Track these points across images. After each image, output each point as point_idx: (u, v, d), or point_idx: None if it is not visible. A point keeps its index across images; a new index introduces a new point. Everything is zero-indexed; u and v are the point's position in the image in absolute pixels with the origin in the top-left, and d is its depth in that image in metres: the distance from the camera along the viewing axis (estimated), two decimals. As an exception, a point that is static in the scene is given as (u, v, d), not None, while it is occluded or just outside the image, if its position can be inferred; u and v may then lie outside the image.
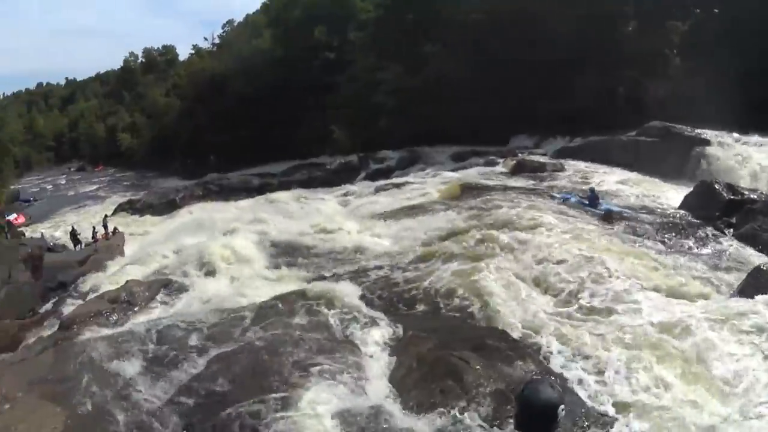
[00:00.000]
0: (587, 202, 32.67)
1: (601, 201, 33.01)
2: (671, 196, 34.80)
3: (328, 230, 33.26)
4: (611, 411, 13.26)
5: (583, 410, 13.07)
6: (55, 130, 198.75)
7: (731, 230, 26.74)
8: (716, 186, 30.62)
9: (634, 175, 41.16)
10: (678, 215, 29.49)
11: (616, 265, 21.21)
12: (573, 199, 34.04)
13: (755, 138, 44.03)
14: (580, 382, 14.43)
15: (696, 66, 56.85)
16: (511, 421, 12.19)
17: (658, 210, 31.14)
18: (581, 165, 45.66)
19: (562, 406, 5.17)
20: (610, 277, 20.26)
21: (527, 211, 29.35)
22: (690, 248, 24.96)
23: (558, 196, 35.35)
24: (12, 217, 58.13)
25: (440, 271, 22.66)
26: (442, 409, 13.22)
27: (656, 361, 14.82)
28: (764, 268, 19.62)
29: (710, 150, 42.73)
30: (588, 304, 18.57)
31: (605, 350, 15.46)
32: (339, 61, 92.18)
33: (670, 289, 19.43)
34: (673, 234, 26.36)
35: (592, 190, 34.02)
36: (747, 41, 54.11)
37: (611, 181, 39.88)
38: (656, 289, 19.40)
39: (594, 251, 22.72)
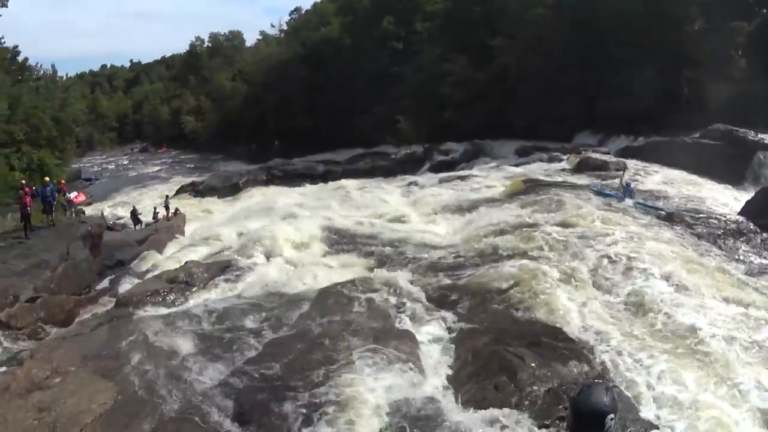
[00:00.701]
0: (622, 197, 32.82)
1: (635, 196, 33.13)
2: (732, 201, 34.35)
3: (390, 220, 33.34)
4: (664, 421, 13.04)
5: (633, 417, 12.94)
6: (118, 111, 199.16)
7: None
8: (778, 193, 30.05)
9: (695, 178, 40.65)
10: (738, 221, 29.02)
11: (679, 269, 20.86)
12: (610, 192, 34.41)
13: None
14: (635, 388, 14.16)
15: (762, 68, 55.78)
16: (564, 422, 12.23)
17: (719, 214, 30.64)
18: (644, 165, 45.14)
19: (612, 415, 4.94)
20: (672, 281, 19.93)
21: (590, 209, 29.14)
22: (749, 256, 24.62)
23: (595, 189, 35.76)
24: (73, 195, 58.69)
25: (500, 266, 22.50)
26: (494, 406, 13.11)
27: (714, 373, 14.59)
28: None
29: (773, 156, 42.06)
30: (648, 309, 18.18)
31: (664, 359, 15.13)
32: (406, 52, 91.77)
33: (735, 299, 18.91)
34: (734, 240, 26.04)
35: (627, 184, 34.13)
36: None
37: (669, 181, 39.56)
38: (721, 298, 18.90)
39: (656, 254, 22.44)
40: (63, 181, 46.51)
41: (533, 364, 14.35)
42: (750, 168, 42.21)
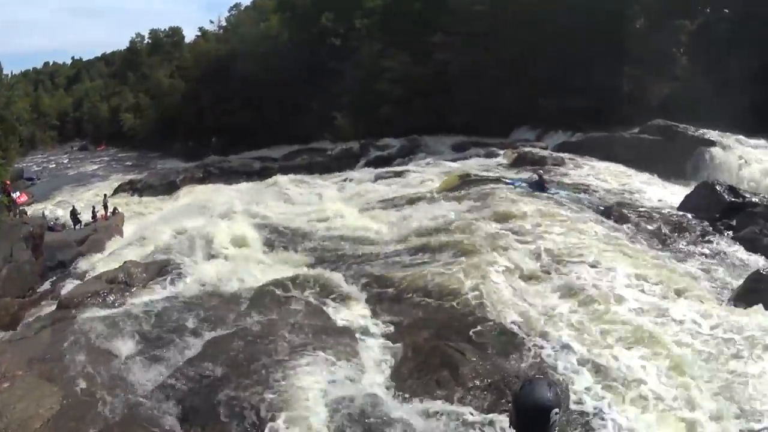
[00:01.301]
0: (533, 188, 33.45)
1: (548, 187, 33.75)
2: (671, 195, 34.68)
3: (326, 216, 33.20)
4: (604, 407, 13.20)
5: (574, 407, 13.01)
6: (59, 109, 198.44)
7: (731, 233, 26.47)
8: (717, 187, 30.31)
9: (633, 172, 41.01)
10: (677, 215, 29.10)
11: (615, 261, 21.16)
12: (520, 184, 34.75)
13: (760, 141, 43.84)
14: (573, 378, 14.29)
15: (703, 66, 56.70)
16: (506, 415, 12.25)
17: (658, 208, 30.81)
18: (581, 160, 45.45)
19: (557, 410, 4.96)
20: (609, 272, 20.18)
21: (526, 204, 29.22)
22: (688, 249, 24.80)
23: (508, 181, 36.25)
24: (16, 195, 57.95)
25: (437, 261, 22.69)
26: (436, 400, 13.31)
27: (650, 358, 14.80)
28: (764, 272, 19.51)
29: (713, 151, 42.47)
30: (585, 299, 18.34)
31: (600, 347, 15.40)
32: (345, 48, 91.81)
33: (670, 288, 19.14)
34: (673, 233, 26.19)
35: (540, 176, 34.73)
36: (757, 43, 53.72)
37: (605, 174, 39.94)
38: (655, 287, 19.10)
39: (592, 246, 22.74)
40: (8, 182, 45.84)
41: (474, 359, 14.58)
42: (690, 163, 42.66)
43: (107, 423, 13.53)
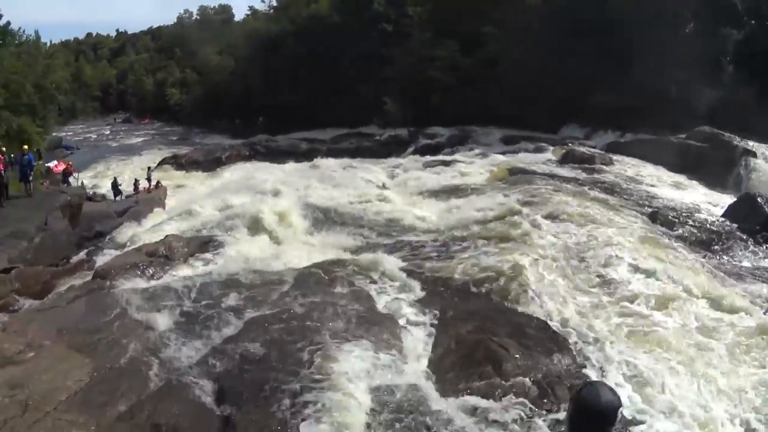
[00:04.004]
0: None
1: None
2: (713, 203, 34.29)
3: (373, 201, 33.06)
4: (643, 416, 12.90)
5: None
6: (102, 80, 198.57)
7: (771, 245, 26.19)
8: (759, 199, 29.93)
9: (679, 177, 40.71)
10: (719, 223, 28.88)
11: (659, 264, 20.81)
12: None
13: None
14: (615, 382, 13.94)
15: (747, 76, 56.34)
16: (546, 414, 12.17)
17: (701, 215, 30.50)
18: (629, 161, 45.20)
19: (621, 408, 4.98)
20: (652, 275, 19.93)
21: (575, 202, 29.02)
22: (729, 258, 24.61)
23: None
24: (53, 164, 58.28)
25: (483, 253, 22.35)
26: (477, 395, 13.01)
27: (689, 367, 14.55)
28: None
29: (756, 162, 42.13)
30: (628, 303, 18.09)
31: (642, 352, 15.12)
32: (396, 34, 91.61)
33: (712, 297, 18.77)
34: (715, 242, 25.96)
35: None
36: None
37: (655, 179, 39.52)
38: (699, 296, 18.76)
39: (639, 249, 22.40)
40: (71, 165, 46.44)
41: (517, 355, 14.25)
42: (734, 172, 42.31)
43: (139, 398, 13.14)
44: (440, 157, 53.45)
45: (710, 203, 34.50)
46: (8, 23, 57.09)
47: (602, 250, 22.26)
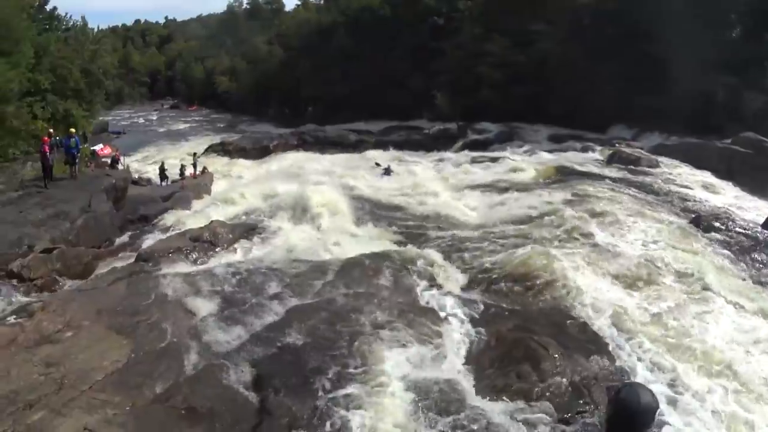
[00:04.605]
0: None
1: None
2: (756, 211, 33.64)
3: (420, 195, 33.13)
4: (674, 420, 12.82)
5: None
6: (150, 67, 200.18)
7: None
8: (800, 209, 29.54)
9: (721, 183, 40.11)
10: (761, 231, 28.27)
11: (702, 271, 20.62)
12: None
13: None
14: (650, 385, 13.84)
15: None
16: (582, 416, 12.04)
17: (743, 223, 29.85)
18: (675, 164, 44.67)
19: (658, 410, 5.05)
20: (696, 282, 19.74)
21: (620, 203, 28.81)
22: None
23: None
24: (98, 147, 58.75)
25: (527, 251, 21.98)
26: (515, 394, 12.94)
27: (731, 378, 14.39)
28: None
29: (800, 172, 41.49)
30: (669, 308, 17.91)
31: (681, 362, 14.90)
32: (446, 28, 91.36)
33: (757, 308, 18.53)
34: (757, 249, 25.47)
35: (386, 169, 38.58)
36: None
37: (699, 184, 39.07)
38: (743, 307, 18.54)
39: (682, 255, 22.17)
40: (118, 152, 46.95)
41: (556, 356, 14.15)
42: (778, 181, 41.71)
43: (176, 381, 13.26)
44: (488, 153, 53.20)
45: (751, 211, 33.94)
46: (54, 8, 57.60)
47: (645, 253, 22.11)
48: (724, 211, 31.27)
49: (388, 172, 42.08)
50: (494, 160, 47.69)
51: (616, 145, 51.86)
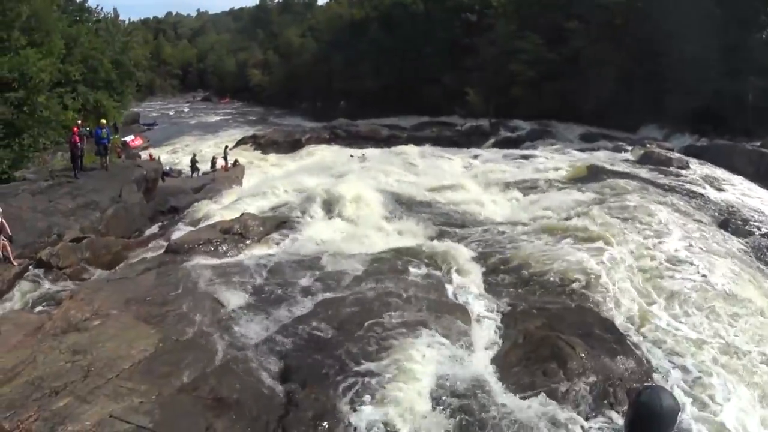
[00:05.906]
0: None
1: None
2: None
3: (451, 191, 33.00)
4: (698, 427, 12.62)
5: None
6: (182, 59, 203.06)
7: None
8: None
9: (750, 185, 39.65)
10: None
11: (729, 276, 20.34)
12: None
13: None
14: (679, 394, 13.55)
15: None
16: (606, 416, 11.99)
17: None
18: (705, 166, 44.25)
19: (680, 413, 4.93)
20: (724, 289, 19.30)
21: (650, 204, 28.42)
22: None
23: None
24: (129, 138, 59.16)
25: (558, 250, 22.00)
26: (541, 392, 12.78)
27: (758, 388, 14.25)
28: None
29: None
30: (700, 316, 17.54)
31: (709, 371, 14.62)
32: (479, 25, 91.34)
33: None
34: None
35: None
36: None
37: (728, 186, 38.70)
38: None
39: (710, 258, 21.83)
40: (151, 154, 47.39)
41: (583, 355, 13.96)
42: (809, 185, 41.27)
43: (203, 371, 13.21)
44: (520, 151, 53.42)
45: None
46: (85, 0, 57.96)
47: (674, 255, 21.88)
48: (754, 214, 31.08)
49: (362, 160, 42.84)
50: (526, 157, 47.67)
51: (647, 145, 51.48)
